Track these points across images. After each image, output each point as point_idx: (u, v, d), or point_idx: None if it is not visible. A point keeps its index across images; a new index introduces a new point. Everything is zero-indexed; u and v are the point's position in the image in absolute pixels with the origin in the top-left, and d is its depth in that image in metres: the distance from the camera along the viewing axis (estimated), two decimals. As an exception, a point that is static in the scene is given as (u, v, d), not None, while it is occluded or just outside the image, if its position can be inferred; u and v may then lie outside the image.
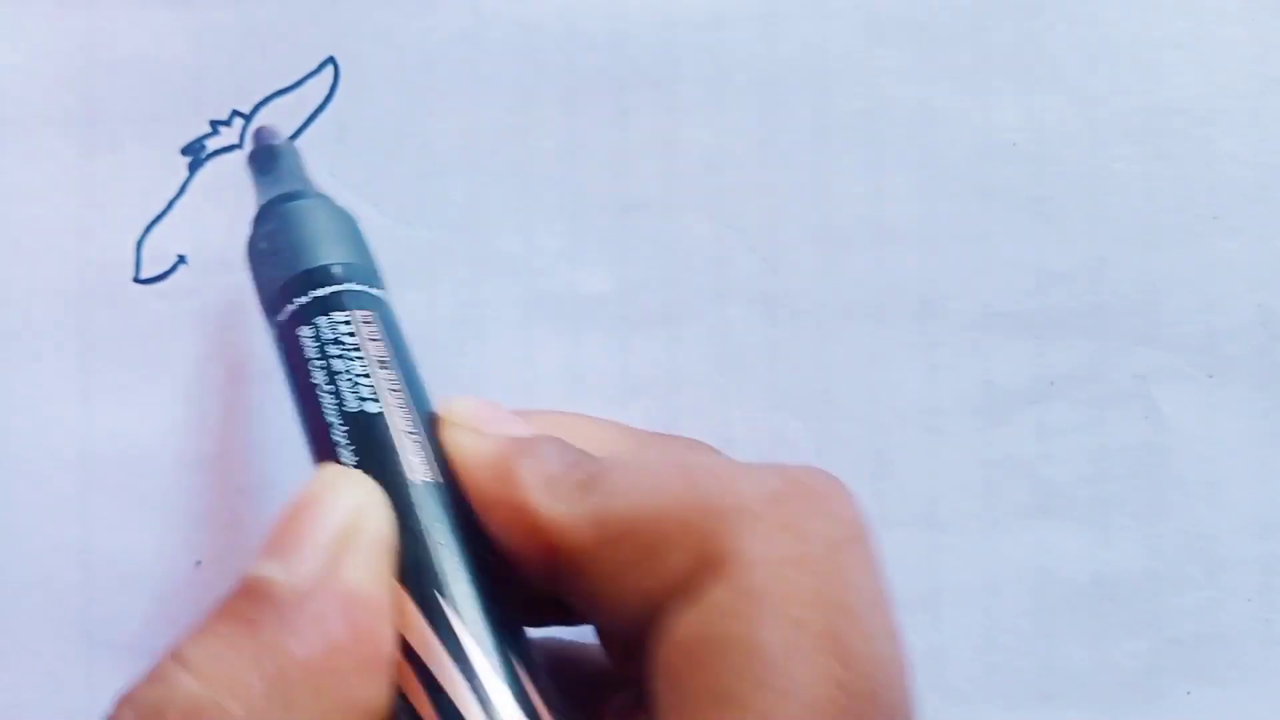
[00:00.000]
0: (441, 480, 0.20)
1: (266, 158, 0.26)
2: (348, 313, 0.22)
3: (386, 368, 0.21)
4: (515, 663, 0.19)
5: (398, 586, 0.19)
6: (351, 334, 0.21)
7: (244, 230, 0.25)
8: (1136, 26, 0.29)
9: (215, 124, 0.29)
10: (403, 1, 0.29)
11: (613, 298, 0.29)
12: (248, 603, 0.18)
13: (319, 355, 0.21)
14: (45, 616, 0.29)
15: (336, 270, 0.23)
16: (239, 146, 0.29)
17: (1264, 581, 0.29)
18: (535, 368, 0.29)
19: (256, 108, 0.29)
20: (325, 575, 0.19)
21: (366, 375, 0.21)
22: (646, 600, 0.18)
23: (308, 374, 0.21)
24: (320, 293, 0.22)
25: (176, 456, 0.29)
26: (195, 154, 0.29)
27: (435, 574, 0.19)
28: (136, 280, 0.29)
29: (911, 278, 0.29)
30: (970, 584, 0.29)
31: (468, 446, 0.20)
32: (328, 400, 0.21)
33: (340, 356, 0.21)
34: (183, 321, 0.29)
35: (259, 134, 0.27)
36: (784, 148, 0.29)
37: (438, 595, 0.19)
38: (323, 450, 0.21)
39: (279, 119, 0.29)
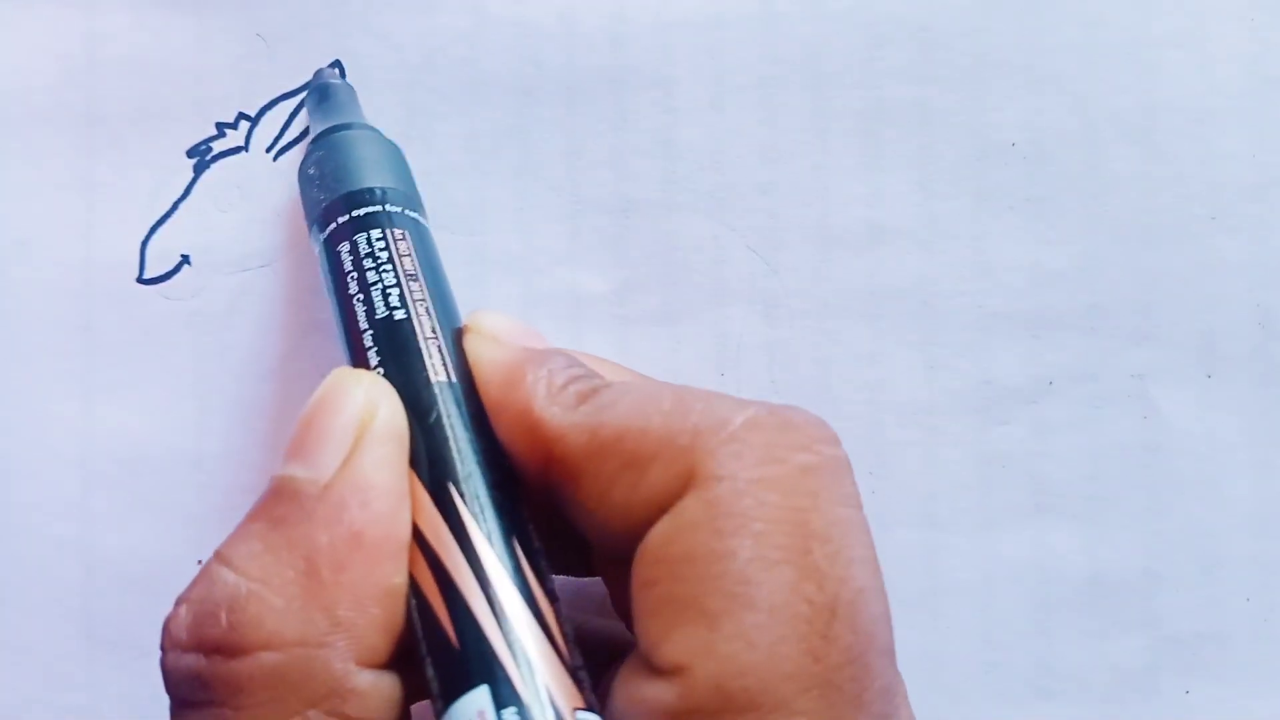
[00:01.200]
0: (458, 381, 0.21)
1: (322, 93, 0.28)
2: (382, 230, 0.24)
3: (415, 280, 0.23)
4: (519, 552, 0.19)
5: (412, 476, 0.20)
6: (385, 249, 0.23)
7: (248, 231, 0.26)
8: (1134, 26, 0.29)
9: (221, 126, 0.30)
10: (404, 3, 0.29)
11: (612, 298, 0.29)
12: (276, 501, 0.20)
13: (354, 268, 0.23)
14: (46, 615, 0.29)
15: (374, 193, 0.25)
16: (244, 149, 0.29)
17: (1262, 580, 0.29)
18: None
19: (262, 110, 0.30)
20: (343, 468, 0.20)
21: (396, 286, 0.23)
22: (630, 514, 0.19)
23: (345, 285, 0.23)
24: (359, 213, 0.24)
25: (177, 456, 0.29)
26: (200, 156, 0.29)
27: (447, 465, 0.20)
28: (140, 280, 0.29)
29: (910, 277, 0.29)
30: (968, 582, 0.29)
31: (485, 353, 0.22)
32: (360, 309, 0.23)
33: (374, 269, 0.23)
34: (186, 321, 0.29)
35: (318, 74, 0.29)
36: (784, 148, 0.29)
37: (450, 485, 0.20)
38: (356, 354, 0.23)
39: (284, 121, 0.29)
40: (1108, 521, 0.29)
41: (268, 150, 0.30)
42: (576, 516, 0.20)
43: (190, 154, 0.30)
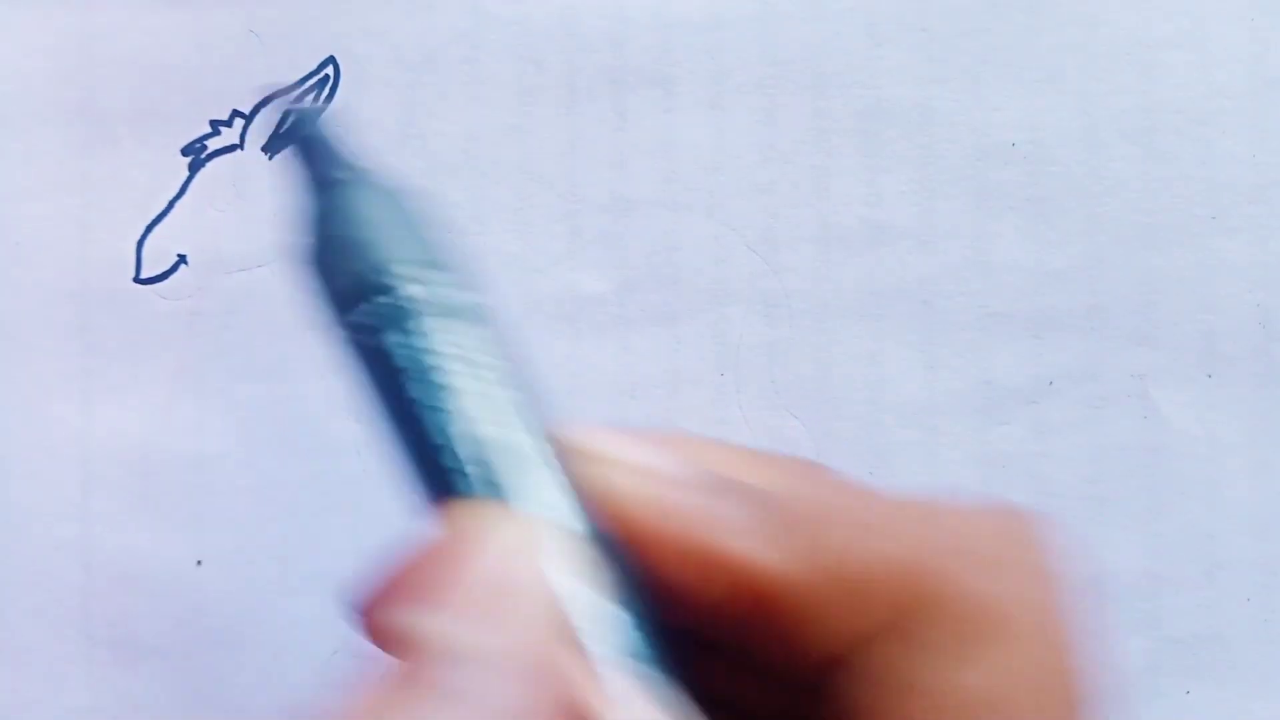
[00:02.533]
0: (589, 523, 0.17)
1: (308, 139, 0.20)
2: (448, 321, 0.18)
3: (502, 386, 0.18)
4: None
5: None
6: (455, 344, 0.18)
7: (245, 230, 0.25)
8: (1135, 26, 0.29)
9: (216, 124, 0.29)
10: (403, 1, 0.29)
11: (612, 298, 0.29)
12: (417, 669, 0.16)
13: (414, 365, 0.18)
14: (46, 616, 0.29)
15: (435, 269, 0.18)
16: (239, 147, 0.29)
17: (1263, 581, 0.29)
18: (534, 368, 0.29)
19: (257, 108, 0.29)
20: (486, 635, 0.16)
21: (487, 389, 0.18)
22: (854, 638, 0.17)
23: (399, 387, 0.18)
24: (416, 290, 0.18)
25: (176, 456, 0.29)
26: (196, 154, 0.29)
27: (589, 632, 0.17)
28: (137, 280, 0.29)
29: (910, 278, 0.29)
30: (969, 583, 0.29)
31: (628, 487, 0.18)
32: (432, 417, 0.17)
33: (458, 371, 0.18)
34: (183, 321, 0.29)
35: (295, 112, 0.21)
36: (784, 148, 0.29)
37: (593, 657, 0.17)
38: (437, 486, 0.18)
39: (279, 119, 0.29)
40: (1108, 522, 0.29)
41: (263, 148, 0.29)
42: (772, 642, 0.18)
43: (185, 152, 0.29)
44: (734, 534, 0.17)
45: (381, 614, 0.17)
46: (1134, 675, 0.29)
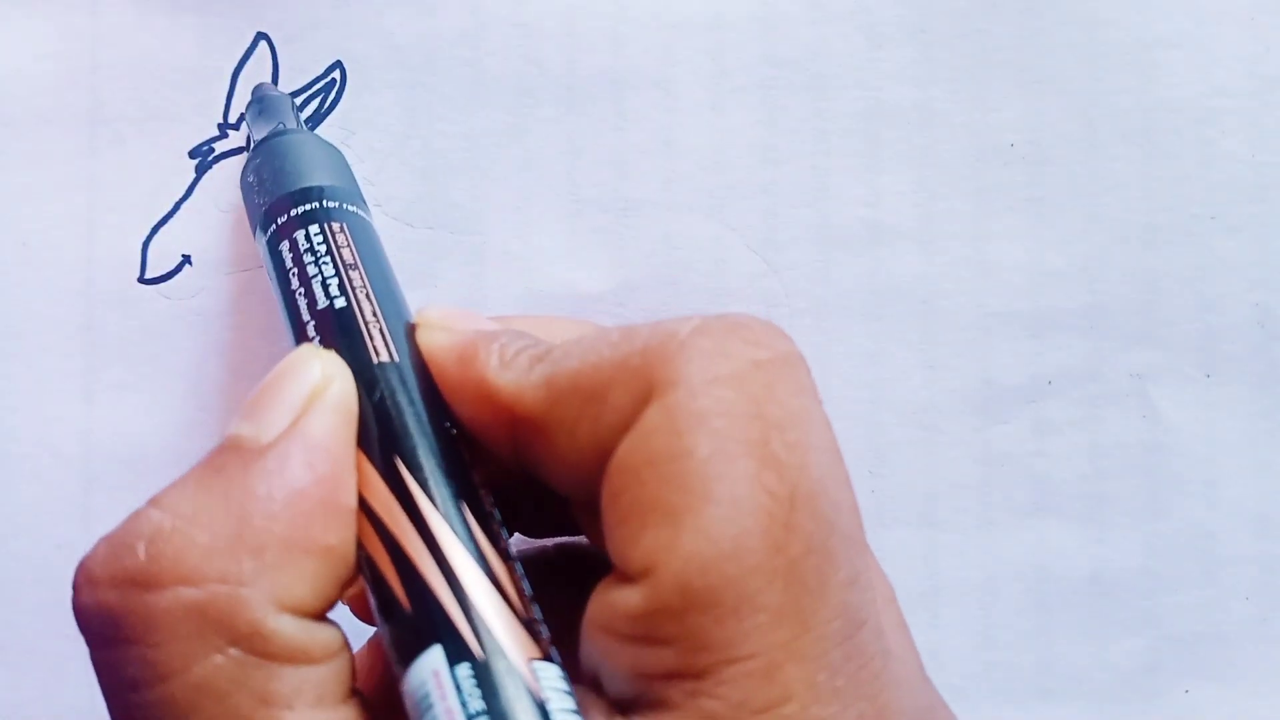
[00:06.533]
0: (399, 360, 0.22)
1: (260, 105, 0.29)
2: (320, 224, 0.24)
3: (354, 270, 0.23)
4: (469, 516, 0.20)
5: (359, 452, 0.20)
6: (323, 242, 0.24)
7: (249, 231, 0.26)
8: (1134, 26, 0.29)
9: (222, 127, 0.30)
10: (405, 3, 0.29)
11: (612, 297, 0.29)
12: (218, 454, 0.20)
13: (295, 264, 0.24)
14: (45, 616, 0.29)
15: (310, 191, 0.25)
16: (246, 150, 0.29)
17: (1262, 580, 0.29)
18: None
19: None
20: (290, 428, 0.20)
21: (335, 276, 0.23)
22: (597, 444, 0.19)
23: (288, 281, 0.24)
24: (296, 211, 0.25)
25: (179, 456, 0.29)
26: (203, 156, 0.30)
27: (393, 439, 0.20)
28: (141, 280, 0.29)
29: (909, 278, 0.29)
30: (968, 582, 0.29)
31: (436, 340, 0.22)
32: (302, 302, 0.23)
33: (313, 262, 0.24)
34: (187, 321, 0.29)
35: (256, 88, 0.30)
36: (784, 148, 0.29)
37: (396, 458, 0.20)
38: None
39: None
40: (1107, 521, 0.29)
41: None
42: (551, 472, 0.21)
43: (192, 154, 0.30)
44: (493, 368, 0.20)
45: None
46: (1132, 673, 0.29)
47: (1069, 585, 0.29)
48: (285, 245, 0.24)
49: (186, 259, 0.29)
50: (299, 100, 0.29)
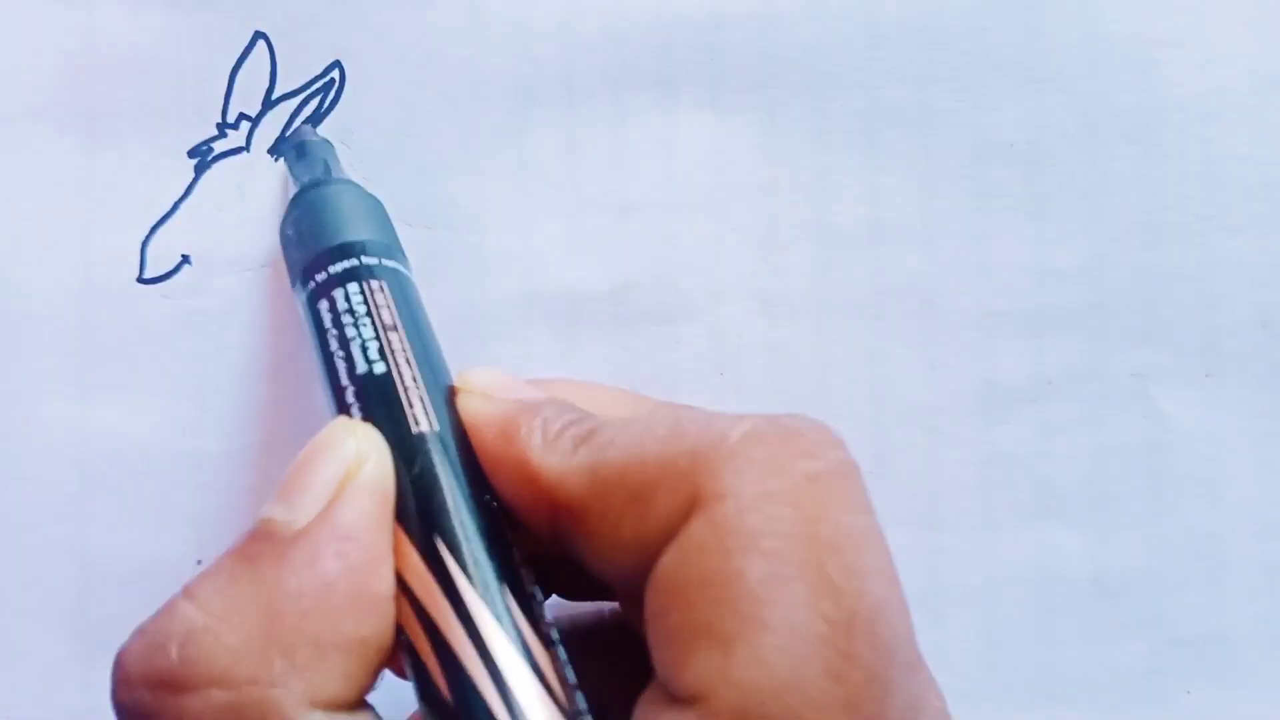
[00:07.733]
0: (439, 430, 0.21)
1: (299, 150, 0.29)
2: (360, 283, 0.24)
3: (394, 331, 0.23)
4: (511, 602, 0.19)
5: (398, 529, 0.20)
6: (362, 303, 0.23)
7: (249, 231, 0.26)
8: (1135, 25, 0.29)
9: (221, 127, 0.30)
10: (404, 2, 0.29)
11: (611, 297, 0.29)
12: (252, 541, 0.20)
13: (334, 325, 0.23)
14: (43, 616, 0.29)
15: (351, 247, 0.25)
16: (245, 149, 0.29)
17: (1265, 581, 0.29)
18: (534, 367, 0.29)
19: (263, 110, 0.30)
20: (321, 516, 0.20)
21: (375, 339, 0.23)
22: (641, 547, 0.19)
23: (327, 343, 0.23)
24: (336, 269, 0.24)
25: (176, 456, 0.29)
26: (202, 156, 0.30)
27: (433, 517, 0.20)
28: (140, 280, 0.29)
29: (910, 277, 0.29)
30: (970, 583, 0.29)
31: (477, 409, 0.21)
32: (341, 365, 0.23)
33: (352, 324, 0.23)
34: (185, 321, 0.29)
35: (295, 131, 0.29)
36: (784, 148, 0.29)
37: (436, 537, 0.20)
38: (340, 411, 0.23)
39: (285, 122, 0.29)
40: (1110, 522, 0.29)
41: (269, 150, 0.30)
42: (592, 562, 0.20)
43: (191, 154, 0.30)
44: (536, 447, 0.20)
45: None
46: (1134, 675, 0.29)
47: (1071, 586, 0.29)
48: (324, 304, 0.24)
49: (186, 259, 0.29)
50: (298, 101, 0.29)
